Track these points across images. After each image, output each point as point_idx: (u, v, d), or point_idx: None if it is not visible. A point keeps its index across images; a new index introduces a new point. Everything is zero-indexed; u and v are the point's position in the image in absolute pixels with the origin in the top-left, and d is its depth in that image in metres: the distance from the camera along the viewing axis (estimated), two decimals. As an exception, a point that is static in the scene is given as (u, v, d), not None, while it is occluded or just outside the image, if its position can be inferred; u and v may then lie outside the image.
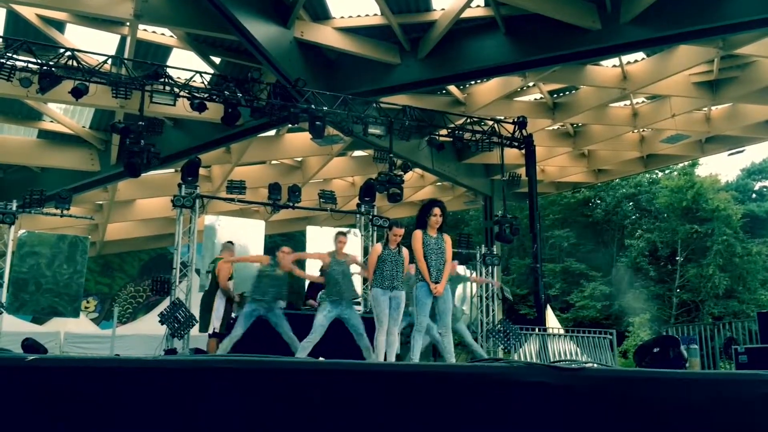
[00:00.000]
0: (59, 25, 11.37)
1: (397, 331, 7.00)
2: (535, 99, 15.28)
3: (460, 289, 8.52)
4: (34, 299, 12.88)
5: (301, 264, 8.46)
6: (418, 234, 6.56)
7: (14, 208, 11.45)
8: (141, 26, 11.24)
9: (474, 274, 10.01)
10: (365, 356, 7.28)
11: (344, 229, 7.81)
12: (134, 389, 2.77)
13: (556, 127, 16.50)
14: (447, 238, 6.68)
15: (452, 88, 14.28)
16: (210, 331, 9.07)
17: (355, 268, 8.04)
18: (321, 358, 6.79)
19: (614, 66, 13.61)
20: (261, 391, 2.82)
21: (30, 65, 9.89)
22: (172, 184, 13.62)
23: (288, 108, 11.09)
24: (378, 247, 7.01)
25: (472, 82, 14.32)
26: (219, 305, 9.25)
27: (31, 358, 2.74)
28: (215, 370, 2.85)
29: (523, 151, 12.95)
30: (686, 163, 26.89)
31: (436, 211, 6.59)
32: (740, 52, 12.61)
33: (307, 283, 10.79)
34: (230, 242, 9.99)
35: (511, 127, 12.76)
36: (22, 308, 13.07)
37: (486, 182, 18.60)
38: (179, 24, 11.15)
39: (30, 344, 9.73)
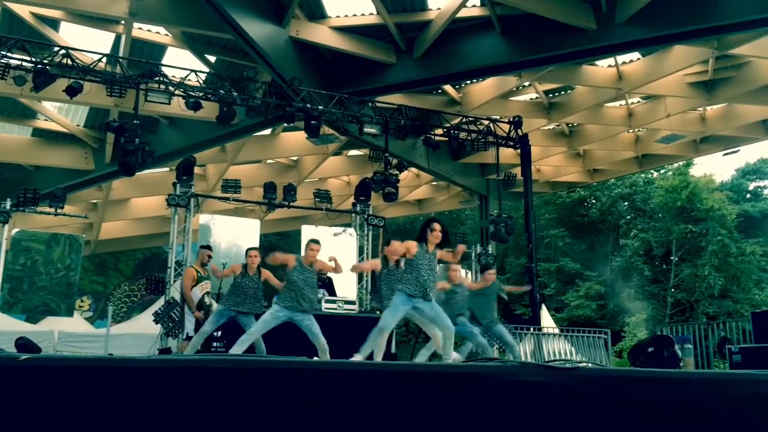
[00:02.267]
0: (54, 23, 11.34)
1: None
2: (531, 99, 15.30)
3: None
4: (28, 298, 12.87)
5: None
6: (413, 244, 6.48)
7: (8, 207, 11.42)
8: (136, 24, 11.21)
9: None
10: (320, 356, 7.18)
11: (317, 238, 7.74)
12: (128, 389, 2.76)
13: (551, 126, 16.52)
14: (438, 252, 6.63)
15: (448, 87, 14.28)
16: (184, 336, 9.05)
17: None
18: (315, 358, 6.79)
19: (609, 66, 13.64)
20: (254, 390, 2.82)
21: (24, 63, 9.85)
22: (167, 182, 13.62)
23: (283, 107, 11.08)
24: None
25: (468, 82, 14.33)
26: (189, 310, 9.28)
27: (25, 357, 2.73)
28: (208, 369, 2.84)
29: (519, 150, 12.96)
30: (681, 163, 26.97)
31: (436, 226, 6.53)
32: (735, 52, 12.64)
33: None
34: (204, 246, 9.79)
35: (506, 127, 12.78)
36: (15, 307, 13.04)
37: (481, 182, 18.62)
38: (174, 22, 11.12)
39: (24, 343, 9.70)
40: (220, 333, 8.34)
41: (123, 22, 10.98)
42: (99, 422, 2.71)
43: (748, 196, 35.30)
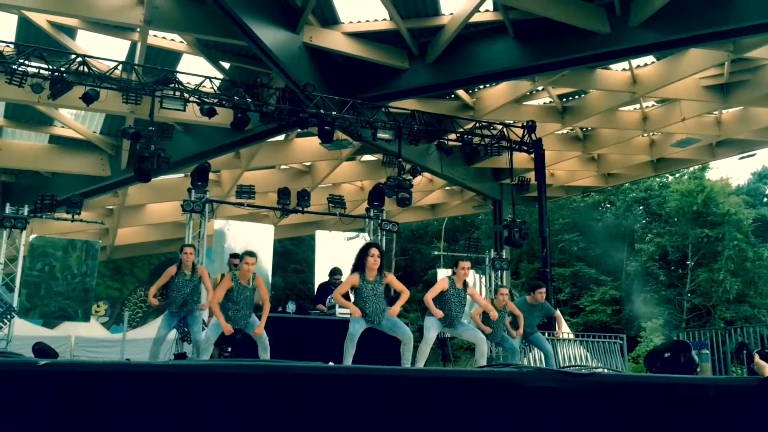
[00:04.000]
0: (70, 32, 11.46)
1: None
2: (545, 103, 15.25)
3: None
4: (45, 303, 12.97)
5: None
6: (354, 277, 6.66)
7: (26, 213, 11.52)
8: (151, 32, 11.30)
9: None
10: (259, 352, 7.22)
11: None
12: (144, 393, 2.78)
13: (565, 131, 16.46)
14: (388, 276, 6.77)
15: (461, 92, 14.28)
16: None
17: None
18: (331, 363, 6.80)
19: (624, 70, 13.57)
20: (261, 393, 2.83)
21: (41, 71, 9.96)
22: (181, 188, 13.68)
23: (297, 113, 11.12)
24: (444, 283, 7.14)
25: (481, 87, 14.31)
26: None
27: (43, 362, 2.76)
28: (219, 375, 2.86)
29: (533, 155, 12.92)
30: (697, 166, 26.77)
31: (374, 251, 6.62)
32: (751, 55, 12.54)
33: (316, 288, 10.80)
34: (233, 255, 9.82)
35: (520, 131, 12.74)
36: (33, 312, 13.16)
37: (495, 186, 18.56)
38: (189, 30, 11.21)
39: (41, 348, 9.77)
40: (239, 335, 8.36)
41: (138, 29, 11.07)
42: (115, 425, 2.73)
43: (765, 200, 35.01)
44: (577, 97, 15.09)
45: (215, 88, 11.05)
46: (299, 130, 12.72)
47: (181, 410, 2.80)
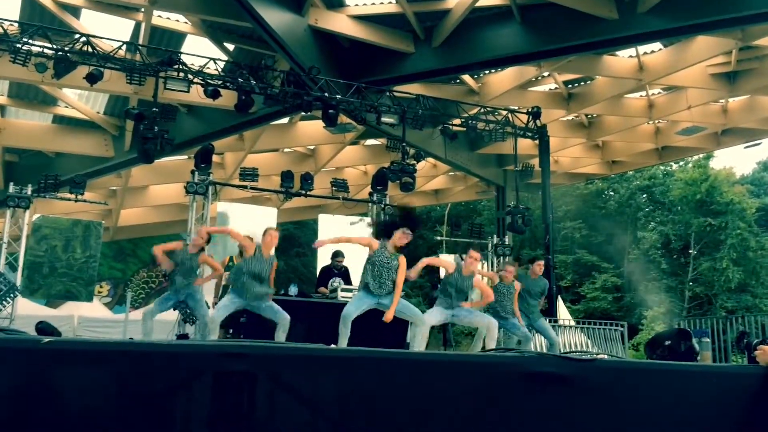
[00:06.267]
0: (75, 11, 11.41)
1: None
2: (550, 89, 15.18)
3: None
4: (48, 283, 13.02)
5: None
6: (374, 241, 6.72)
7: (29, 193, 11.55)
8: (156, 12, 11.25)
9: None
10: (277, 335, 7.18)
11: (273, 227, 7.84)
12: (145, 373, 2.80)
13: (570, 117, 16.39)
14: (401, 259, 6.74)
15: (466, 77, 14.21)
16: None
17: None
18: (332, 345, 6.82)
19: (630, 56, 13.48)
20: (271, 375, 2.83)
21: (45, 50, 9.93)
22: (185, 170, 13.69)
23: (301, 96, 11.08)
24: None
25: (487, 72, 14.24)
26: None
27: (47, 340, 2.78)
28: (229, 355, 2.87)
29: (537, 141, 12.89)
30: (701, 155, 26.68)
31: (407, 231, 6.67)
32: (759, 43, 12.44)
33: (318, 271, 10.81)
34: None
35: (525, 117, 12.70)
36: (36, 292, 13.22)
37: (499, 172, 18.54)
38: (194, 10, 11.15)
39: (43, 327, 9.82)
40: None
41: (143, 9, 11.03)
42: (118, 405, 2.75)
43: (769, 189, 34.88)
44: (582, 83, 15.02)
45: (219, 69, 11.02)
46: (303, 113, 12.66)
47: (183, 388, 2.81)
